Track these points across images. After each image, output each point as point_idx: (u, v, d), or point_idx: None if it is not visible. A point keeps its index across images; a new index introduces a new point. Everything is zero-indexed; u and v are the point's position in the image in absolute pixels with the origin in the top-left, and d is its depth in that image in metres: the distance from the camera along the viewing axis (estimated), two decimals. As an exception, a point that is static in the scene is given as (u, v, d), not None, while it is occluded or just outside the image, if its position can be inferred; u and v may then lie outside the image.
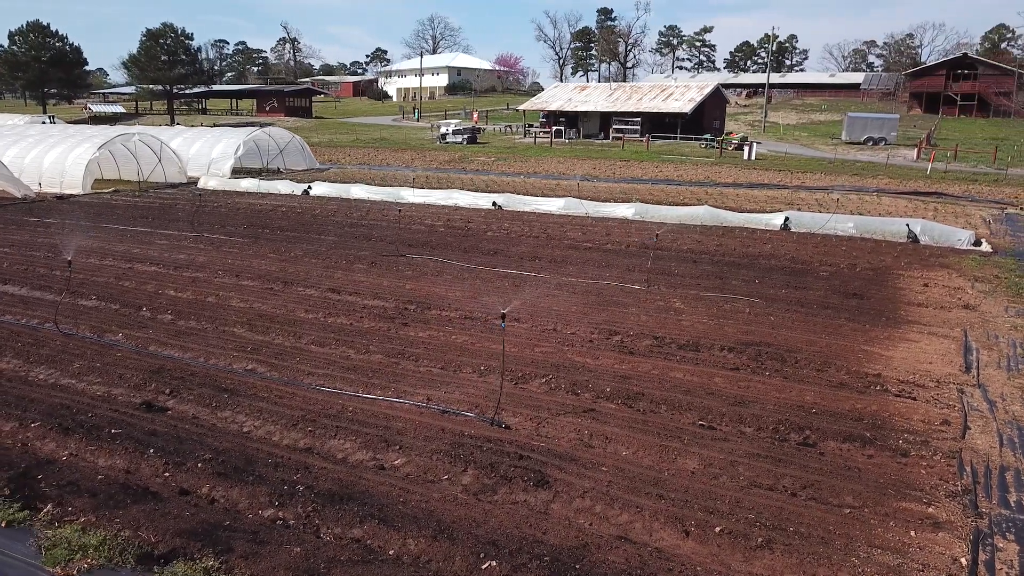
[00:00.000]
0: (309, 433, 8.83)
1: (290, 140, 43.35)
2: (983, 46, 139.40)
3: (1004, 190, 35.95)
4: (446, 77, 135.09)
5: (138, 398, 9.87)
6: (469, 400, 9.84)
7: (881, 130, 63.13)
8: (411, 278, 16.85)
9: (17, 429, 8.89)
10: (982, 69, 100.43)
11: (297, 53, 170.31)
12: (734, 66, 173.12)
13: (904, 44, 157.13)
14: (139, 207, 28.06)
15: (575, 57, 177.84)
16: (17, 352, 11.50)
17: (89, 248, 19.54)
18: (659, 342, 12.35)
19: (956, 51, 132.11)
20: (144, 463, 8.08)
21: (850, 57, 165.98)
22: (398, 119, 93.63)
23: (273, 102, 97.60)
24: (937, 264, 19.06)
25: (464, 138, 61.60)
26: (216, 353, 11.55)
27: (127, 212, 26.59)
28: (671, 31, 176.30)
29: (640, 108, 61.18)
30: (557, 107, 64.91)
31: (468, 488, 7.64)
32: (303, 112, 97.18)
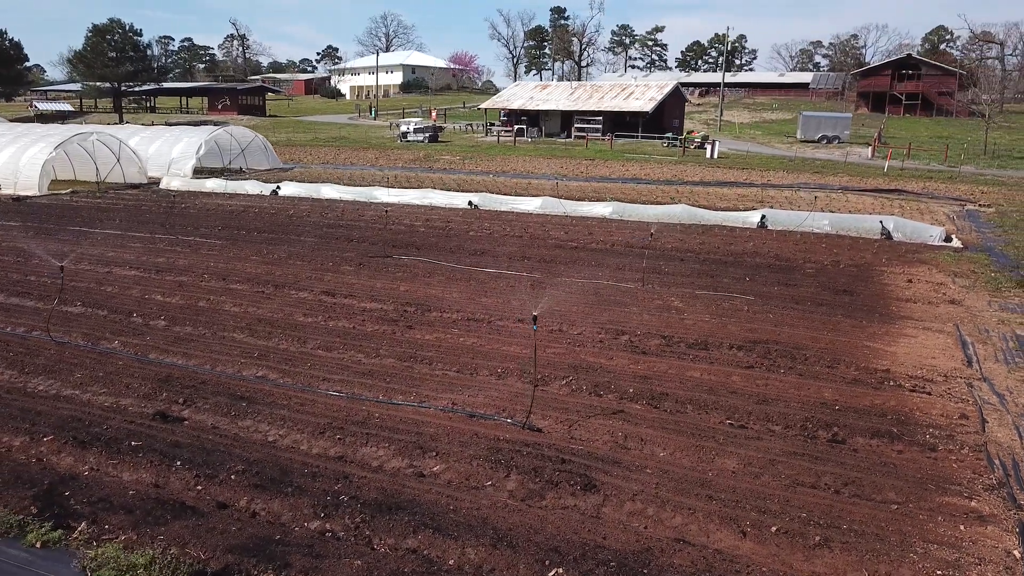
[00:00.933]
0: (339, 441, 8.61)
1: (252, 139, 42.55)
2: (923, 47, 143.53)
3: (959, 187, 37.05)
4: (400, 75, 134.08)
5: (150, 408, 9.52)
6: (494, 404, 9.73)
7: (834, 129, 64.57)
8: (404, 280, 16.63)
9: (29, 444, 8.50)
10: (925, 70, 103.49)
11: (246, 50, 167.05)
12: (685, 65, 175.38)
13: (849, 44, 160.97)
14: (103, 208, 27.21)
15: (529, 56, 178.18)
16: (10, 362, 11.02)
17: (61, 252, 18.80)
18: (668, 341, 12.39)
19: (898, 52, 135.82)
20: (173, 476, 7.79)
21: (797, 57, 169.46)
22: (354, 117, 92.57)
23: (225, 100, 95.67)
24: (916, 260, 19.53)
25: (425, 137, 61.20)
26: (222, 360, 11.22)
27: (92, 214, 25.75)
28: (623, 30, 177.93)
29: (601, 107, 61.54)
30: (519, 106, 64.91)
31: (514, 494, 7.54)
32: (257, 110, 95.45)
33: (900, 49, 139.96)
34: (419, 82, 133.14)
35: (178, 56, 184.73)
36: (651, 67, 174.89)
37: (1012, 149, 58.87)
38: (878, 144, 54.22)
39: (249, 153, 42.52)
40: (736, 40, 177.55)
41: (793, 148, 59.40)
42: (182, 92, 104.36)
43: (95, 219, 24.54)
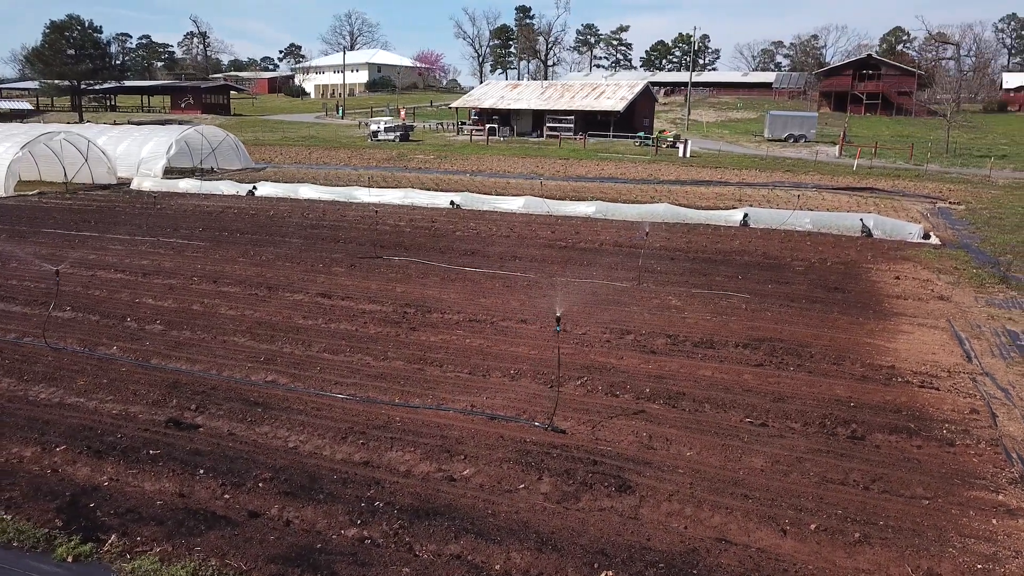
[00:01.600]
0: (362, 446, 8.49)
1: (224, 139, 41.87)
2: (881, 47, 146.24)
3: (927, 185, 37.79)
4: (366, 74, 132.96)
5: (161, 415, 9.30)
6: (512, 405, 9.68)
7: (801, 127, 65.47)
8: (398, 281, 16.48)
9: (41, 454, 8.24)
10: (885, 70, 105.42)
11: (207, 48, 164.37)
12: (650, 65, 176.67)
13: (809, 45, 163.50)
14: (75, 210, 26.55)
15: (494, 54, 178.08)
16: (7, 369, 10.69)
17: (40, 255, 18.36)
18: (673, 340, 12.44)
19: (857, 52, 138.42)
20: (198, 485, 7.62)
21: (759, 57, 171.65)
22: (321, 116, 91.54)
23: (189, 99, 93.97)
24: (899, 257, 19.87)
25: (396, 136, 60.75)
26: (228, 365, 11.01)
27: (65, 216, 25.11)
28: (588, 30, 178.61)
29: (573, 106, 61.68)
30: (490, 105, 64.78)
31: (549, 496, 7.50)
32: (221, 109, 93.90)
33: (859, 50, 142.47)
34: (385, 81, 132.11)
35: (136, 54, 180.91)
36: (616, 66, 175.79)
37: (971, 148, 60.23)
38: (844, 143, 55.07)
39: (220, 153, 41.83)
40: (700, 40, 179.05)
41: (762, 147, 60.11)
42: (144, 91, 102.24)
43: (69, 221, 23.94)
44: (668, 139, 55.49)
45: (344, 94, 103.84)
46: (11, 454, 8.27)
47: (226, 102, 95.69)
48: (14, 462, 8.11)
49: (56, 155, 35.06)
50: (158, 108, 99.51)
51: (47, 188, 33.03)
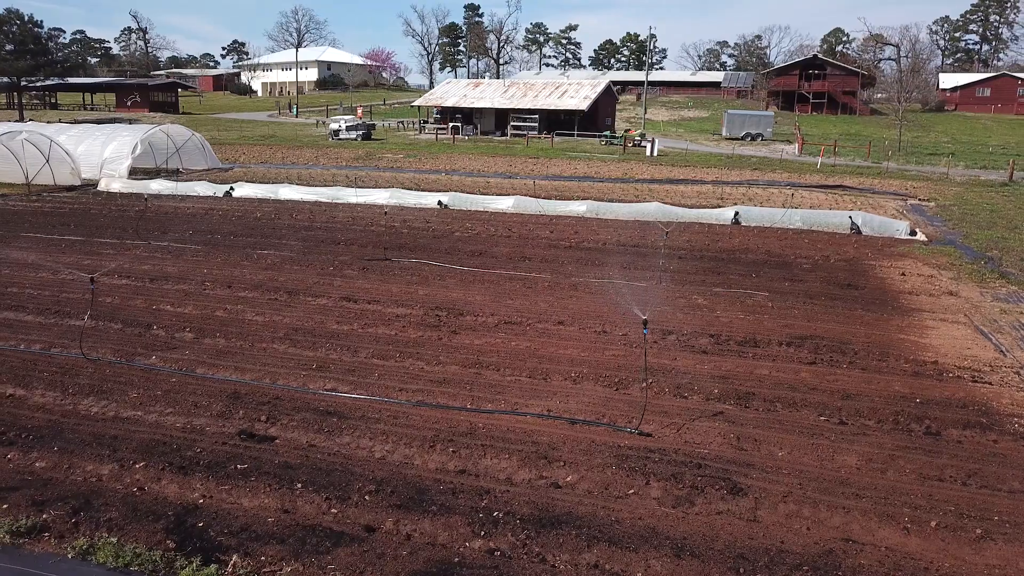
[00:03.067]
0: (453, 454, 8.32)
1: (189, 138, 40.72)
2: (822, 48, 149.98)
3: (891, 182, 38.85)
4: (316, 72, 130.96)
5: (230, 427, 8.97)
6: (588, 409, 9.60)
7: (758, 126, 66.80)
8: (417, 283, 16.23)
9: (120, 471, 7.87)
10: (830, 70, 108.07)
11: (148, 44, 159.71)
12: (599, 64, 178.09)
13: (753, 45, 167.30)
14: (48, 213, 25.49)
15: (443, 52, 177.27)
16: (49, 383, 10.19)
17: (31, 261, 17.60)
18: (717, 340, 12.52)
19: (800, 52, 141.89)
20: (299, 500, 7.36)
21: (704, 56, 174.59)
22: (274, 115, 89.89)
23: (135, 96, 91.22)
24: (896, 254, 20.38)
25: (359, 135, 59.99)
26: (280, 373, 10.68)
27: (39, 219, 24.08)
28: (537, 28, 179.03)
29: (537, 105, 61.74)
30: (453, 103, 64.39)
31: (662, 501, 7.45)
32: (169, 107, 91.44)
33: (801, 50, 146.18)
34: (335, 79, 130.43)
35: (69, 49, 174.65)
36: (566, 65, 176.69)
37: (917, 146, 62.23)
38: (803, 142, 56.36)
39: (185, 152, 40.65)
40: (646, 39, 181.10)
41: (721, 145, 61.16)
42: (87, 88, 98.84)
43: (46, 225, 22.96)
44: (634, 138, 55.97)
45: (298, 92, 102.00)
46: (87, 472, 7.88)
47: (174, 100, 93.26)
48: (93, 481, 7.73)
49: (15, 155, 33.64)
50: (102, 106, 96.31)
51: (6, 190, 31.64)
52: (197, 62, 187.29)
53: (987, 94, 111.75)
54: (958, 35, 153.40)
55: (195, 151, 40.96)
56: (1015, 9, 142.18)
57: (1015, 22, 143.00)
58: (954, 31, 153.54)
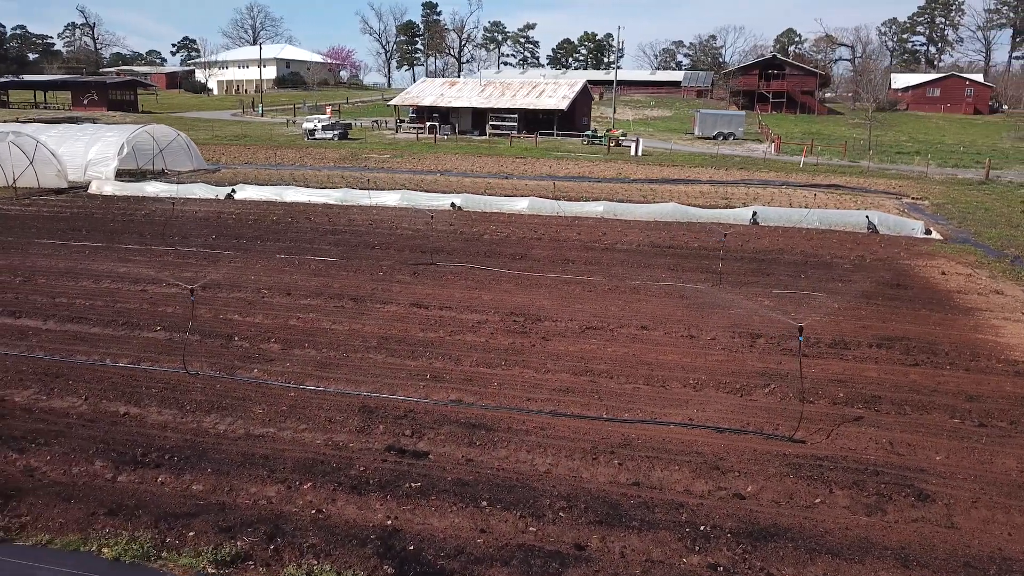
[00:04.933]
0: (620, 467, 8.20)
1: (174, 138, 39.57)
2: (775, 48, 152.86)
3: (876, 181, 39.74)
4: (274, 69, 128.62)
5: (376, 443, 8.71)
6: (727, 417, 9.57)
7: (729, 126, 67.77)
8: (476, 288, 16.03)
9: (288, 493, 7.58)
10: (789, 70, 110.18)
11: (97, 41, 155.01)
12: (556, 63, 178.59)
13: (709, 45, 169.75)
14: (50, 218, 24.51)
15: (400, 51, 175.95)
16: (161, 400, 9.77)
17: (63, 268, 16.93)
18: (807, 344, 12.57)
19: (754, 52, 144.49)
20: (492, 518, 7.18)
21: (660, 56, 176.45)
22: (238, 114, 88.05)
23: (92, 95, 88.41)
24: (923, 253, 20.83)
25: (335, 134, 59.13)
26: (397, 384, 10.42)
27: (45, 224, 23.12)
28: (496, 27, 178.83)
29: (516, 105, 61.62)
30: (430, 102, 63.87)
31: (853, 509, 7.45)
32: (128, 106, 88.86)
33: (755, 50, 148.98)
34: (295, 77, 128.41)
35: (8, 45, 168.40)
36: (524, 64, 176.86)
37: (882, 145, 63.81)
38: (779, 141, 57.37)
39: (169, 153, 39.51)
40: (604, 38, 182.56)
41: (695, 144, 61.90)
42: (40, 86, 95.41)
43: (56, 230, 22.05)
44: (617, 137, 56.27)
45: (261, 90, 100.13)
46: (253, 495, 7.56)
47: (133, 98, 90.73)
48: (264, 503, 7.42)
49: (-4, 157, 32.32)
50: (56, 104, 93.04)
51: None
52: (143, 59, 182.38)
53: (937, 94, 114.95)
54: (906, 36, 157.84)
55: (180, 152, 39.85)
56: (960, 12, 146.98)
57: (960, 24, 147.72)
58: (902, 32, 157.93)
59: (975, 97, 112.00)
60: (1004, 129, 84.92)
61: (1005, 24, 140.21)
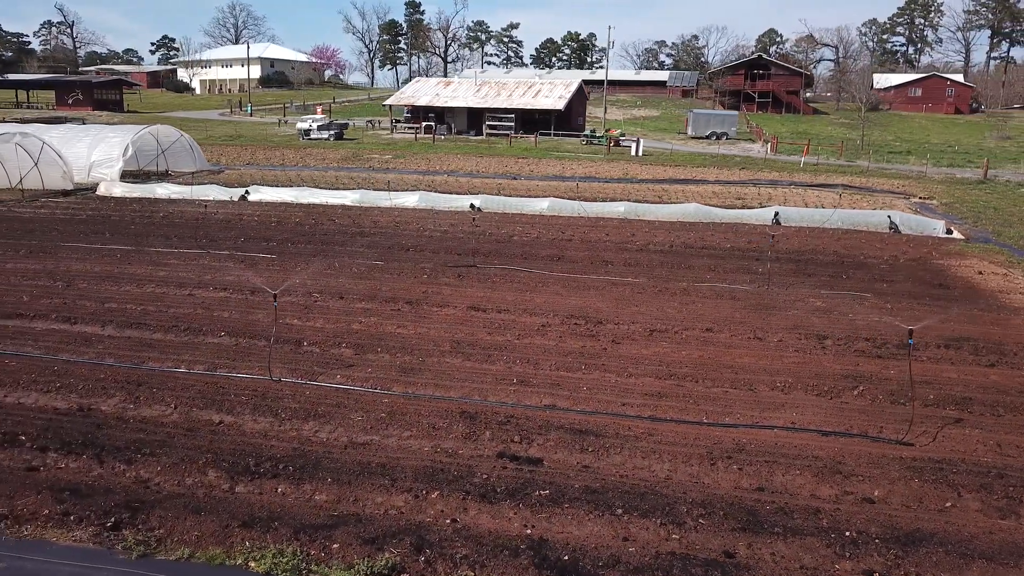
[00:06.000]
0: (740, 472, 8.18)
1: (177, 139, 39.08)
2: (757, 48, 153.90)
3: (880, 181, 40.06)
4: (259, 69, 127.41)
5: (486, 450, 8.63)
6: (828, 420, 9.59)
7: (722, 126, 68.11)
8: (526, 290, 15.95)
9: (417, 502, 7.50)
10: (774, 70, 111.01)
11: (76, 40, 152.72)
12: (540, 62, 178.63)
13: (691, 45, 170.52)
14: (68, 220, 24.07)
15: (383, 50, 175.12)
16: (253, 407, 9.61)
17: (99, 272, 16.65)
18: (874, 343, 12.66)
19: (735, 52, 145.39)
20: (631, 526, 7.13)
21: (643, 56, 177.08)
22: (226, 113, 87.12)
23: (77, 94, 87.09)
24: (953, 253, 21.03)
25: (331, 135, 58.67)
26: (487, 389, 10.34)
27: (65, 227, 22.69)
28: (479, 26, 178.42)
29: (512, 105, 61.51)
30: (426, 102, 63.57)
31: (987, 512, 7.49)
32: (114, 106, 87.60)
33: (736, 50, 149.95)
34: (280, 76, 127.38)
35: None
36: (508, 63, 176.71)
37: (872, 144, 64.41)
38: (776, 141, 57.72)
39: (171, 154, 39.01)
40: (587, 38, 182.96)
41: (689, 144, 62.16)
42: (23, 85, 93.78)
43: (77, 233, 21.65)
44: (616, 137, 56.35)
45: (249, 90, 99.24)
46: (378, 504, 7.46)
47: (119, 98, 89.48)
48: (395, 513, 7.32)
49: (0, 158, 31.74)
50: (40, 104, 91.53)
51: (3, 196, 29.77)
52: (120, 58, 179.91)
53: (919, 94, 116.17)
54: (885, 37, 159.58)
55: (183, 152, 39.36)
56: (939, 13, 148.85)
57: (939, 25, 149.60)
58: (882, 33, 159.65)
59: (956, 97, 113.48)
60: (986, 129, 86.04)
61: (984, 25, 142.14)
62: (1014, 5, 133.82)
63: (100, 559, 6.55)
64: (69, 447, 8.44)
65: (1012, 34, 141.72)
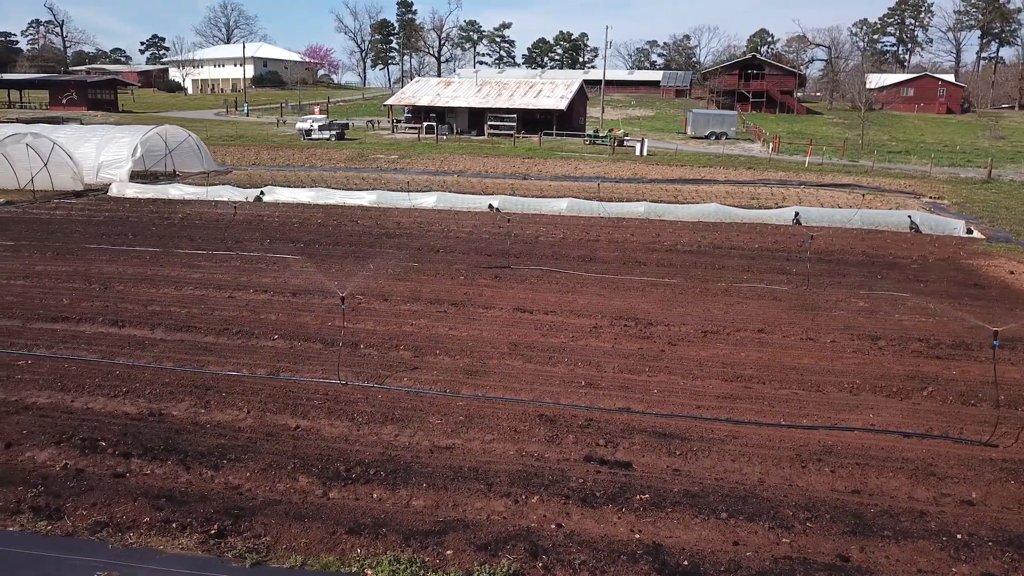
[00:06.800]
0: (832, 474, 8.16)
1: (184, 139, 38.83)
2: (748, 47, 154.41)
3: (886, 181, 40.29)
4: (252, 68, 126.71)
5: (572, 454, 8.57)
6: (905, 421, 9.59)
7: (722, 126, 68.31)
8: (567, 292, 15.90)
9: (517, 507, 7.44)
10: (768, 70, 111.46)
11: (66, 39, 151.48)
12: (532, 62, 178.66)
13: (683, 44, 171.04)
14: (85, 222, 23.83)
15: (375, 50, 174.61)
16: (328, 411, 9.52)
17: (132, 274, 16.49)
18: (928, 344, 12.69)
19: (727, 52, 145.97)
20: (739, 530, 7.08)
21: (635, 55, 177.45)
22: (222, 113, 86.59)
23: (72, 94, 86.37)
24: (980, 252, 21.14)
25: (332, 135, 58.44)
26: (557, 392, 10.28)
27: (85, 229, 22.46)
28: (471, 26, 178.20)
29: (514, 105, 61.44)
30: (427, 102, 63.39)
31: (1088, 513, 7.47)
32: (109, 105, 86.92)
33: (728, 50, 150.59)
34: (273, 76, 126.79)
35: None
36: (500, 63, 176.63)
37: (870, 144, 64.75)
38: (778, 140, 57.95)
39: (178, 154, 38.76)
40: (579, 38, 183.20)
41: (689, 143, 62.31)
42: (16, 84, 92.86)
43: (99, 235, 21.43)
44: (619, 137, 56.41)
45: (245, 90, 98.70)
46: (479, 509, 7.40)
47: (113, 98, 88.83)
48: (498, 520, 7.25)
49: (7, 159, 31.42)
50: (32, 104, 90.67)
51: (12, 196, 29.46)
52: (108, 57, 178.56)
53: (911, 94, 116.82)
54: (876, 37, 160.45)
55: (190, 153, 39.12)
56: (929, 13, 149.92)
57: (930, 25, 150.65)
58: (872, 33, 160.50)
59: (947, 97, 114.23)
60: (979, 129, 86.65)
61: (974, 26, 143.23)
62: (1004, 6, 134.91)
63: (213, 568, 6.44)
64: (152, 453, 8.32)
65: (1001, 35, 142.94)
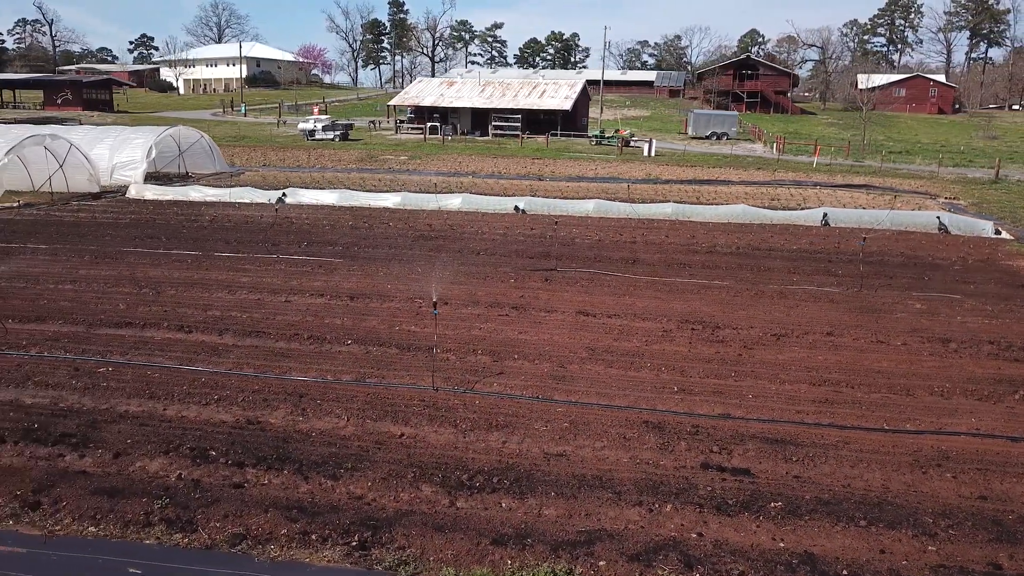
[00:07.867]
0: (955, 480, 8.17)
1: (197, 140, 38.47)
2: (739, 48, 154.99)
3: (896, 181, 40.48)
4: (244, 68, 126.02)
5: (687, 461, 8.52)
6: (1006, 425, 9.60)
7: (722, 126, 68.47)
8: (622, 294, 15.85)
9: (652, 516, 7.41)
10: (762, 70, 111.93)
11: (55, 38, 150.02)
12: (523, 62, 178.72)
13: (674, 45, 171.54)
14: (112, 225, 23.55)
15: (366, 49, 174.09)
16: (429, 418, 9.46)
17: (179, 279, 16.31)
18: (999, 346, 12.72)
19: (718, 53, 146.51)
20: (882, 538, 7.05)
21: (626, 56, 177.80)
22: (218, 113, 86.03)
23: (67, 94, 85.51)
24: (1016, 253, 21.25)
25: (336, 135, 58.16)
26: (653, 398, 10.24)
27: (114, 232, 22.20)
28: (463, 26, 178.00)
29: (518, 105, 61.35)
30: (431, 103, 63.17)
31: None
32: (104, 106, 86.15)
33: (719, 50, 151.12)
34: (266, 76, 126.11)
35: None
36: (492, 63, 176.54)
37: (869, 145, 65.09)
38: (782, 140, 58.16)
39: (190, 155, 38.43)
40: (570, 38, 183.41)
41: (692, 144, 62.42)
42: (9, 84, 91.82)
43: (130, 238, 21.19)
44: (626, 138, 56.44)
45: (242, 90, 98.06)
46: (611, 518, 7.38)
47: (109, 98, 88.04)
48: (635, 529, 7.21)
49: (21, 161, 31.01)
50: (25, 104, 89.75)
51: (28, 198, 29.10)
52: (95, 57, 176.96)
53: (903, 94, 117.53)
54: (866, 38, 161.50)
55: (202, 154, 38.78)
56: (919, 14, 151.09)
57: (920, 26, 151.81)
58: (863, 34, 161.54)
59: (939, 97, 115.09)
60: (971, 128, 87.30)
61: (963, 27, 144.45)
62: (993, 6, 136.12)
63: (368, 581, 6.34)
64: (265, 462, 8.20)
65: (990, 35, 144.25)
